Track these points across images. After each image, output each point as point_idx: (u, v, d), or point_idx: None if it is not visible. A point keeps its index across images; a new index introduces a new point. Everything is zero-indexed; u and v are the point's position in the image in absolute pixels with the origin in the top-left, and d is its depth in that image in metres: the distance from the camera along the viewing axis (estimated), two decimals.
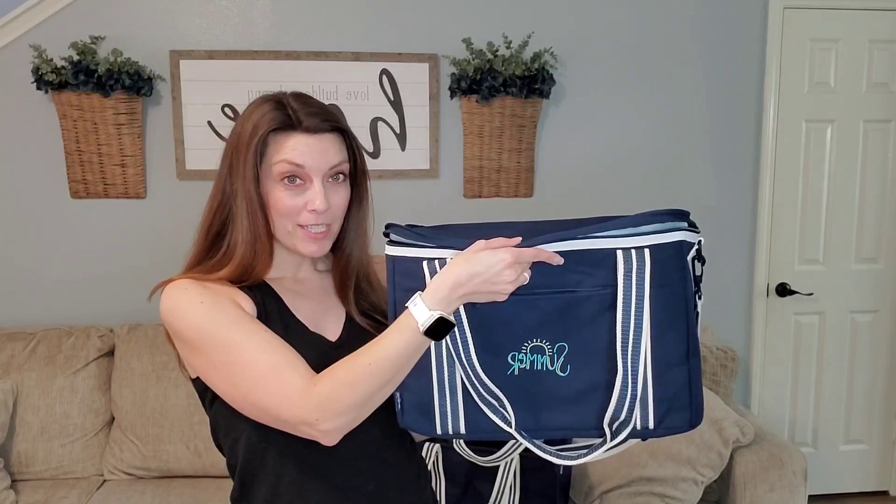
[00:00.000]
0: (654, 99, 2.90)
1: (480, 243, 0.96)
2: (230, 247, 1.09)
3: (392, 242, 1.04)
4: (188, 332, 1.03)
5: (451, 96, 2.76)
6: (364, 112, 2.76)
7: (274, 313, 1.09)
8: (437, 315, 0.93)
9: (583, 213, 1.14)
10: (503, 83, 2.67)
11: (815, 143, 3.00)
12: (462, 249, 0.98)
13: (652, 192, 2.91)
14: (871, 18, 2.95)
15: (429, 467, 1.16)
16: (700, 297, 1.03)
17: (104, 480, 2.47)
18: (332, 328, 1.13)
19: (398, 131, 2.79)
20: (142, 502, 2.31)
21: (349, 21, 2.75)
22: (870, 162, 3.03)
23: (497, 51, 2.72)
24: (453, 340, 0.99)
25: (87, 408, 2.48)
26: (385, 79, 2.76)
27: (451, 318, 0.95)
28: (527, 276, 0.96)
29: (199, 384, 1.10)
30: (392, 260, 1.03)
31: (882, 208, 3.06)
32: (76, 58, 2.54)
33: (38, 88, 2.56)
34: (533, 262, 0.97)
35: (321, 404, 0.96)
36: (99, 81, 2.53)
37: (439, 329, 0.94)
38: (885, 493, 3.21)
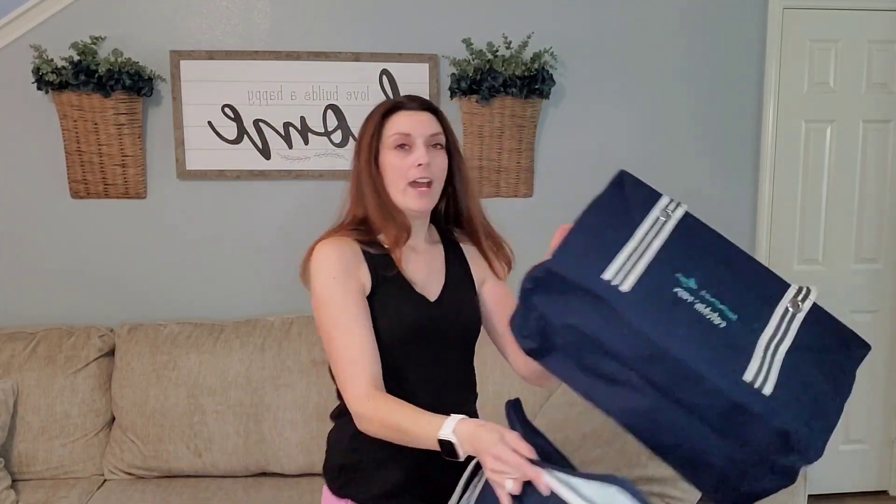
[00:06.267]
0: (654, 99, 2.90)
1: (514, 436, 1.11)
2: (370, 217, 1.40)
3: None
4: (316, 293, 1.36)
5: (451, 97, 2.77)
6: (364, 112, 2.66)
7: (392, 280, 1.39)
8: (448, 439, 1.14)
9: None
10: (503, 83, 2.67)
11: (815, 143, 3.01)
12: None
13: None
14: (871, 19, 2.95)
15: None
16: None
17: (104, 480, 2.47)
18: (433, 290, 1.44)
19: None
20: (142, 502, 2.31)
21: (349, 21, 2.75)
22: (869, 162, 3.03)
23: (497, 51, 2.72)
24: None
25: (87, 408, 2.48)
26: (385, 79, 2.76)
27: (458, 452, 1.14)
28: (511, 485, 1.06)
29: None
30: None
31: (882, 208, 3.06)
32: (76, 58, 2.55)
33: (39, 89, 2.56)
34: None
35: (363, 417, 1.27)
36: (99, 81, 2.53)
37: (445, 448, 1.15)
38: (884, 493, 3.21)
